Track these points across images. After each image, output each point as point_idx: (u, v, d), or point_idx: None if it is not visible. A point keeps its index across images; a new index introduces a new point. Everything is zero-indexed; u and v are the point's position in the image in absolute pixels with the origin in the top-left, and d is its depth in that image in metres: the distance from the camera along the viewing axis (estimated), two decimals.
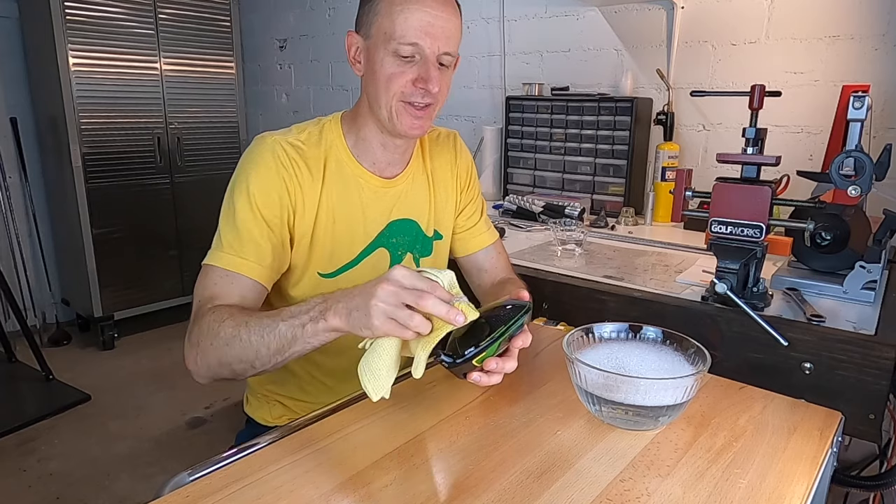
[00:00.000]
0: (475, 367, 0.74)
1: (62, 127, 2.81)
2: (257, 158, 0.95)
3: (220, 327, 0.82)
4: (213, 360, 0.84)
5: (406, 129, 0.97)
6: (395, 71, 0.93)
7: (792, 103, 1.76)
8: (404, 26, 0.90)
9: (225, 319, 0.83)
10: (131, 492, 2.01)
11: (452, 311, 0.69)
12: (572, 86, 2.22)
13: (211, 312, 0.85)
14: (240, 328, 0.81)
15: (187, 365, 0.88)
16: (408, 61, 0.93)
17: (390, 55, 0.92)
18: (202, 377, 0.88)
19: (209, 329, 0.83)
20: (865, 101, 1.01)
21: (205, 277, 0.92)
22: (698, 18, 1.94)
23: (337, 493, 0.62)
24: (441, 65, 0.95)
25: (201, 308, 0.88)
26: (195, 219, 3.26)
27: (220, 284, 0.91)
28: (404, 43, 0.91)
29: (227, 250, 0.92)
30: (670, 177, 1.85)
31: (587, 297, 1.24)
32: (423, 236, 1.12)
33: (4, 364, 2.82)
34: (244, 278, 0.92)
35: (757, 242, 1.06)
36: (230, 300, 0.90)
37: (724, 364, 1.00)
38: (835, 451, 0.73)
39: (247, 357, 0.81)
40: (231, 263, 0.91)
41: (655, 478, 0.64)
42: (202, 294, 0.91)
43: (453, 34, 0.95)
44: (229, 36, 3.33)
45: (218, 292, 0.90)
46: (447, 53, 0.94)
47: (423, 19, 0.91)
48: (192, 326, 0.87)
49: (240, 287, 0.91)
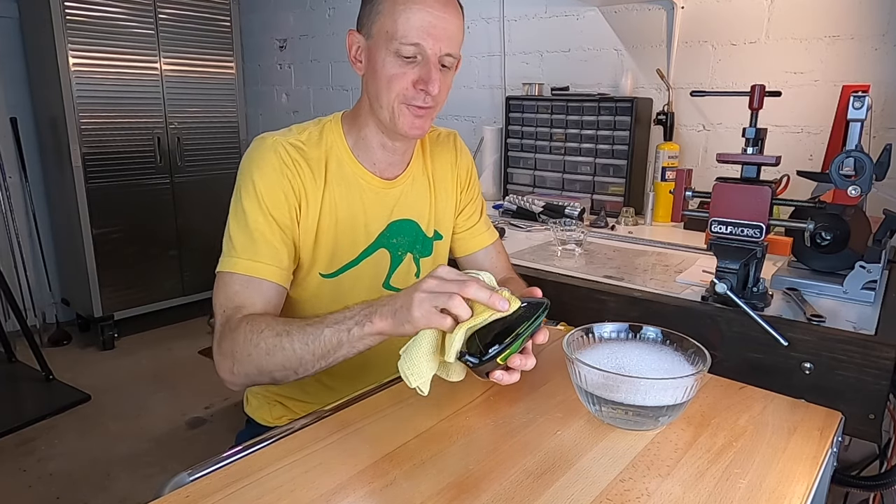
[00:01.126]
0: (498, 364, 0.74)
1: (62, 127, 2.81)
2: (260, 159, 0.95)
3: (259, 338, 0.82)
4: (253, 370, 0.84)
5: (406, 130, 0.97)
6: (397, 72, 0.93)
7: (792, 103, 1.76)
8: (406, 26, 0.90)
9: (263, 330, 0.82)
10: (131, 492, 2.01)
11: (495, 296, 0.70)
12: (572, 86, 2.22)
13: (246, 323, 0.85)
14: (281, 338, 0.81)
15: (221, 374, 0.87)
16: (409, 62, 0.92)
17: (392, 55, 0.92)
18: (237, 385, 0.88)
19: (246, 340, 0.83)
20: (865, 101, 1.01)
21: (225, 286, 0.91)
22: (698, 18, 1.94)
23: (337, 493, 0.62)
24: (443, 66, 0.95)
25: (231, 319, 0.87)
26: (195, 219, 3.26)
27: (242, 292, 0.90)
28: (406, 43, 0.91)
29: (242, 255, 0.91)
30: (670, 177, 1.85)
31: (587, 297, 1.24)
32: (424, 236, 1.12)
33: (4, 364, 2.82)
34: (265, 282, 0.91)
35: (757, 242, 1.06)
36: (255, 306, 0.90)
37: (724, 364, 1.00)
38: (835, 451, 0.73)
39: (290, 365, 0.82)
40: (249, 268, 0.91)
41: (655, 478, 0.64)
42: (227, 304, 0.90)
43: (455, 35, 0.94)
44: (229, 36, 3.33)
45: (242, 301, 0.90)
46: (449, 55, 0.94)
47: (426, 20, 0.90)
48: (223, 337, 0.87)
49: (262, 292, 0.91)
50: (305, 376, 0.83)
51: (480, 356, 0.71)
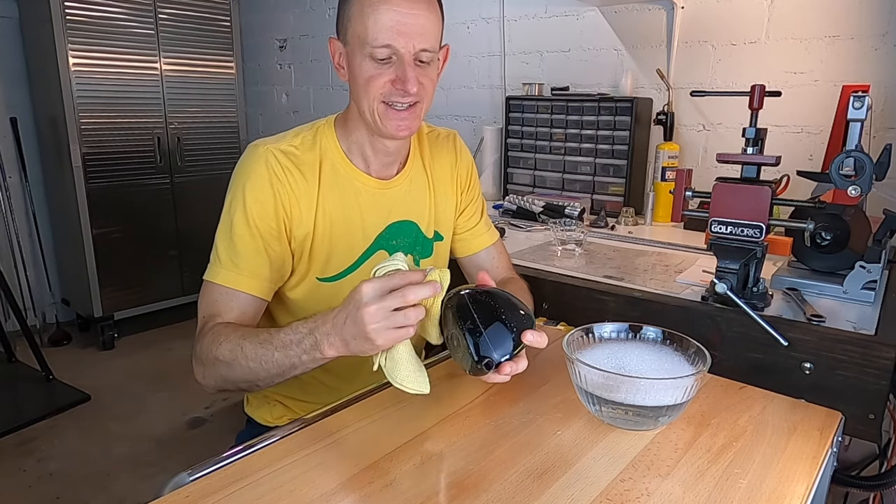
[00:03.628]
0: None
1: (62, 127, 2.81)
2: (250, 170, 0.96)
3: (218, 350, 0.86)
4: (219, 378, 0.89)
5: (393, 132, 0.96)
6: (373, 74, 0.92)
7: (792, 103, 1.76)
8: (375, 28, 0.89)
9: (221, 343, 0.86)
10: (131, 492, 2.01)
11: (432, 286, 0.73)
12: (572, 86, 2.22)
13: (210, 333, 0.89)
14: (236, 353, 0.84)
15: (196, 378, 0.92)
16: (385, 63, 0.91)
17: (367, 59, 0.91)
18: (211, 389, 0.92)
19: (208, 350, 0.87)
20: (865, 101, 1.01)
21: (206, 294, 0.95)
22: (698, 18, 1.94)
23: (337, 493, 0.62)
24: (421, 61, 0.93)
25: (204, 327, 0.92)
26: (195, 219, 3.26)
27: (219, 301, 0.94)
28: (377, 46, 0.90)
29: (225, 266, 0.94)
30: (670, 177, 1.85)
31: (587, 297, 1.24)
32: (423, 238, 1.12)
33: (4, 364, 2.82)
34: (242, 294, 0.94)
35: (757, 242, 1.06)
36: (230, 316, 0.93)
37: (724, 364, 1.00)
38: (835, 451, 0.73)
39: (250, 378, 0.85)
40: (229, 280, 0.94)
41: (655, 478, 0.64)
42: (205, 311, 0.94)
43: (429, 30, 0.92)
44: (229, 36, 3.33)
45: (219, 309, 0.93)
46: (424, 50, 0.92)
47: (394, 19, 0.89)
48: (197, 342, 0.91)
49: (239, 303, 0.94)
50: (270, 387, 0.88)
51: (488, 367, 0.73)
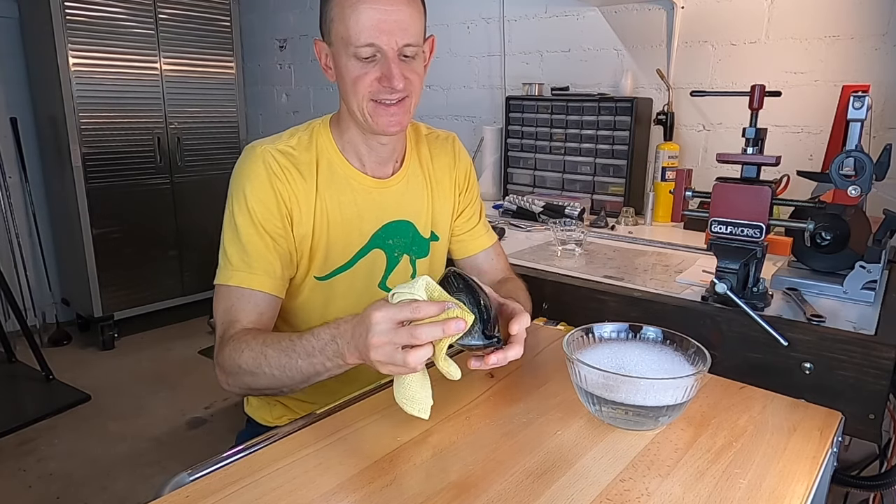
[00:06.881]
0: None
1: (62, 127, 2.81)
2: (249, 171, 0.96)
3: (241, 358, 0.85)
4: (244, 386, 0.89)
5: (384, 128, 0.96)
6: (359, 73, 0.92)
7: (792, 103, 1.76)
8: (357, 28, 0.89)
9: (243, 351, 0.85)
10: (131, 492, 2.01)
11: (448, 325, 0.67)
12: (572, 86, 2.22)
13: (231, 341, 0.88)
14: (260, 361, 0.83)
15: (220, 385, 0.91)
16: (370, 61, 0.92)
17: (352, 59, 0.92)
18: (236, 394, 0.93)
19: (231, 359, 0.86)
20: (865, 101, 1.01)
21: (222, 299, 0.94)
22: (698, 18, 1.94)
23: (337, 493, 0.62)
24: (406, 56, 0.93)
25: (225, 334, 0.91)
26: (195, 219, 3.26)
27: (237, 304, 0.93)
28: (360, 45, 0.90)
29: (237, 268, 0.94)
30: (670, 177, 1.85)
31: (587, 297, 1.24)
32: (420, 238, 1.12)
33: (4, 364, 2.82)
34: (258, 293, 0.94)
35: (757, 242, 1.06)
36: (249, 318, 0.93)
37: (724, 364, 1.00)
38: (835, 451, 0.73)
39: (275, 385, 0.85)
40: (243, 280, 0.94)
41: (655, 478, 0.64)
42: (223, 317, 0.93)
43: (410, 24, 0.92)
44: (229, 36, 3.33)
45: (237, 313, 0.93)
46: (408, 45, 0.92)
47: (374, 17, 0.89)
48: (219, 350, 0.90)
49: (256, 303, 0.94)
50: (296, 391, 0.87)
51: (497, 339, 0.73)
